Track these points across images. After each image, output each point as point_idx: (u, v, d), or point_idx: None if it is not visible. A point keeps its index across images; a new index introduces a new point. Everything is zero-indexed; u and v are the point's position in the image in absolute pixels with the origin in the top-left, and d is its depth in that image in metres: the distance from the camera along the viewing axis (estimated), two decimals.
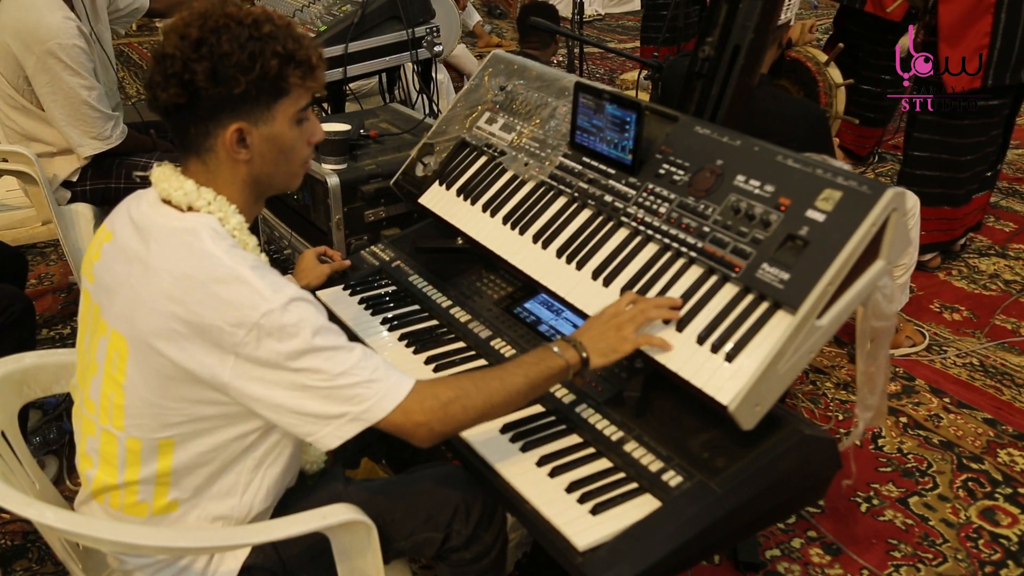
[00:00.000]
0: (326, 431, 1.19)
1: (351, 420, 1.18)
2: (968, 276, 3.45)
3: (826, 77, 2.80)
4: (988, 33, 2.89)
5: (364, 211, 2.29)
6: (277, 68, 1.20)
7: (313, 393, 1.17)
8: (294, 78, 1.22)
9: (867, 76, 3.92)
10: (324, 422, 1.18)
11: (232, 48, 1.17)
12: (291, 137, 1.27)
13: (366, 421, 1.19)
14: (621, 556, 1.16)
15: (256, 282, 1.15)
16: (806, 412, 2.61)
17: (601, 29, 7.89)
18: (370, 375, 1.18)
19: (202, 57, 1.16)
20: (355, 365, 1.18)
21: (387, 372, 1.21)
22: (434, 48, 2.98)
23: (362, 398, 1.18)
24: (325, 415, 1.18)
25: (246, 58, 1.17)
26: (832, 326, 1.24)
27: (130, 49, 6.92)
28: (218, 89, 1.17)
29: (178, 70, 1.16)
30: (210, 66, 1.16)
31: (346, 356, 1.18)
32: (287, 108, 1.24)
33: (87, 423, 1.31)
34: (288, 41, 1.21)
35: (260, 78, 1.19)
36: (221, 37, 1.17)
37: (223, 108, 1.20)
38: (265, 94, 1.21)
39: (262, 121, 1.23)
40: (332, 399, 1.17)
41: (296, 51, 1.21)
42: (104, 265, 1.28)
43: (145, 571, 1.32)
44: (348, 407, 1.18)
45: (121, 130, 2.74)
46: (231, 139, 1.21)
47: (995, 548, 2.12)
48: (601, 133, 1.59)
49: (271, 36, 1.20)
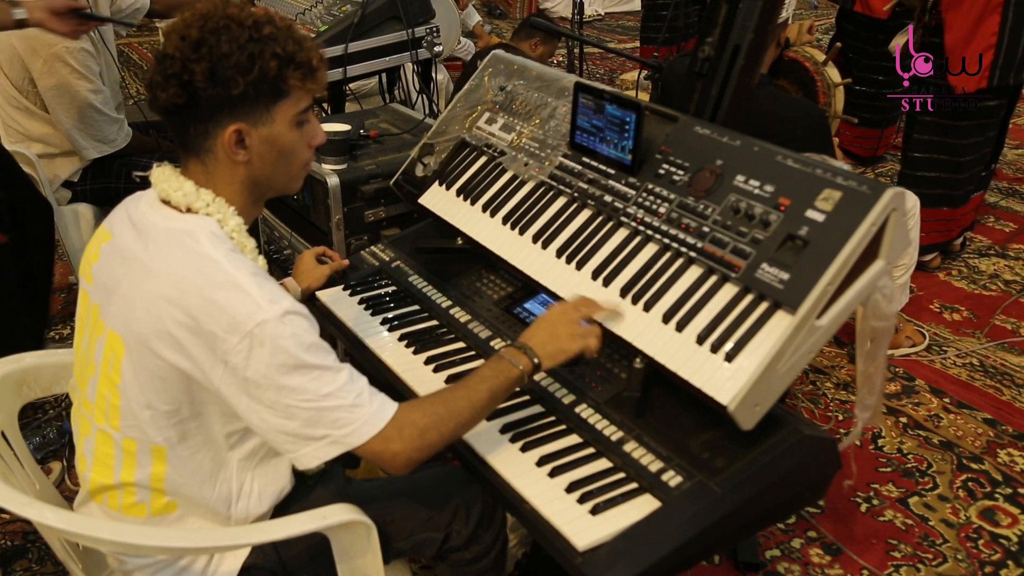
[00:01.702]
0: (305, 451, 1.19)
1: (331, 443, 1.19)
2: (968, 276, 3.45)
3: (824, 77, 2.80)
4: (995, 32, 2.89)
5: (364, 211, 2.29)
6: (276, 70, 1.19)
7: (296, 413, 1.17)
8: (294, 80, 1.22)
9: (860, 76, 3.93)
10: (304, 442, 1.19)
11: (231, 49, 1.17)
12: (291, 139, 1.26)
13: (346, 445, 1.19)
14: (621, 556, 1.16)
15: (254, 290, 1.15)
16: (806, 412, 2.61)
17: (601, 29, 7.90)
18: (354, 400, 1.19)
19: (201, 58, 1.16)
20: (340, 388, 1.18)
21: (371, 398, 1.21)
22: (434, 48, 2.98)
23: (344, 422, 1.18)
24: (306, 436, 1.18)
25: (245, 59, 1.17)
26: (832, 326, 1.24)
27: (130, 49, 6.93)
28: (216, 90, 1.17)
29: (177, 70, 1.16)
30: (208, 67, 1.16)
31: (332, 378, 1.18)
32: (287, 110, 1.24)
33: (84, 423, 1.31)
34: (288, 43, 1.21)
35: (259, 79, 1.18)
36: (220, 38, 1.17)
37: (221, 109, 1.20)
38: (264, 96, 1.21)
39: (261, 123, 1.22)
40: (314, 422, 1.17)
41: (296, 53, 1.21)
42: (102, 266, 1.28)
43: (145, 571, 1.32)
44: (329, 430, 1.18)
45: (126, 132, 2.75)
46: (229, 140, 1.21)
47: (995, 548, 2.12)
48: (601, 133, 1.59)
49: (271, 38, 1.19)
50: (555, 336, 1.35)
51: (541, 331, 1.37)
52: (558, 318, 1.37)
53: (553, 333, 1.36)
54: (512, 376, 1.32)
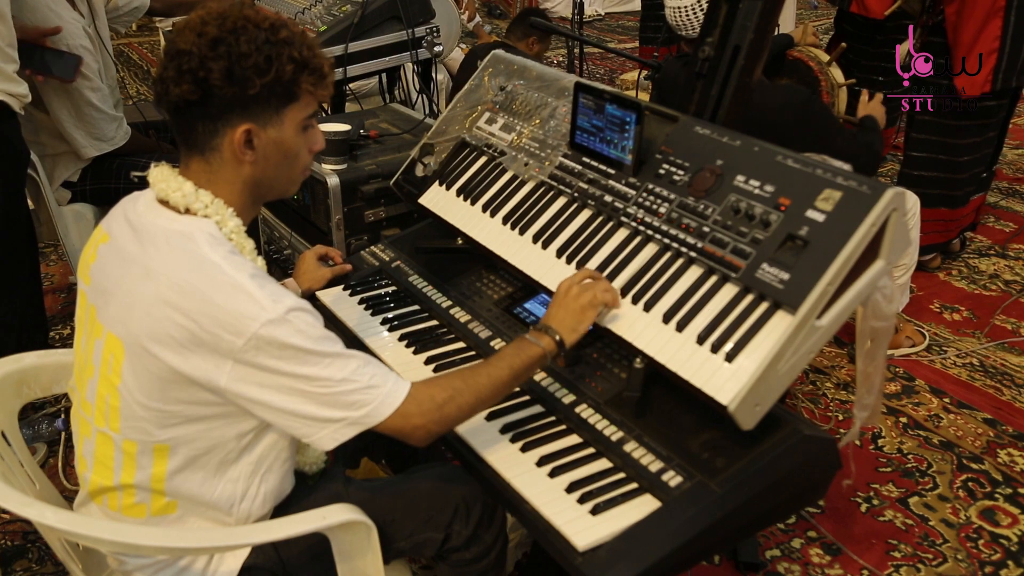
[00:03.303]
0: (324, 433, 1.20)
1: (350, 424, 1.20)
2: (968, 276, 3.45)
3: (828, 77, 2.79)
4: (998, 37, 2.89)
5: (364, 211, 2.29)
6: (292, 73, 1.21)
7: (313, 398, 1.18)
8: (306, 84, 1.23)
9: (859, 77, 3.92)
10: (322, 424, 1.19)
11: (250, 49, 1.17)
12: (296, 143, 1.27)
13: (365, 425, 1.21)
14: (621, 556, 1.16)
15: (256, 291, 1.15)
16: (806, 412, 2.61)
17: (601, 29, 7.90)
18: (369, 380, 1.20)
19: (219, 56, 1.17)
20: (355, 371, 1.19)
21: (385, 377, 1.23)
22: (434, 48, 2.98)
23: (362, 403, 1.19)
24: (324, 418, 1.19)
25: (263, 61, 1.18)
26: (832, 326, 1.24)
27: (130, 49, 6.93)
28: (233, 89, 1.18)
29: (194, 67, 1.17)
30: (227, 65, 1.17)
31: (345, 363, 1.19)
32: (296, 114, 1.25)
33: (84, 425, 1.31)
34: (303, 48, 1.22)
35: (274, 82, 1.20)
36: (240, 38, 1.17)
37: (234, 108, 1.20)
38: (277, 98, 1.22)
39: (271, 125, 1.23)
40: (332, 404, 1.18)
41: (311, 59, 1.23)
42: (100, 267, 1.28)
43: (145, 571, 1.32)
44: (347, 412, 1.19)
45: (125, 131, 2.75)
46: (240, 139, 1.22)
47: (995, 548, 2.12)
48: (601, 133, 1.59)
49: (287, 41, 1.21)
50: (569, 310, 1.38)
51: (556, 310, 1.40)
52: (565, 294, 1.40)
53: (566, 308, 1.39)
54: (534, 355, 1.34)
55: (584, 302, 1.38)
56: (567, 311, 1.39)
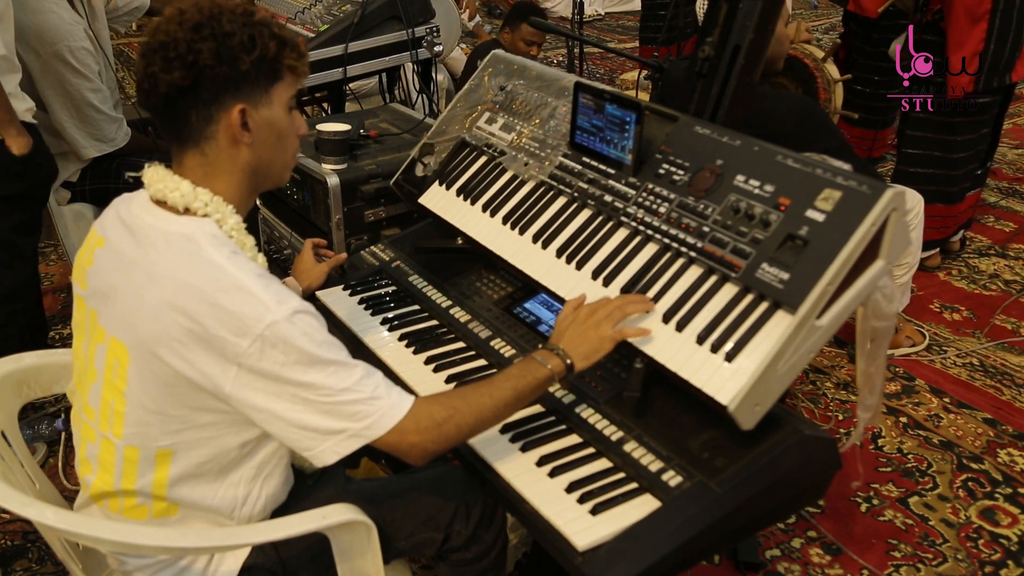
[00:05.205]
0: (324, 446, 1.19)
1: (350, 436, 1.19)
2: (968, 276, 3.45)
3: (824, 73, 2.80)
4: (983, 39, 2.93)
5: (364, 211, 2.29)
6: (275, 50, 1.22)
7: (315, 407, 1.17)
8: (290, 60, 1.25)
9: (857, 76, 3.93)
10: (323, 437, 1.18)
11: (233, 28, 1.19)
12: (286, 123, 1.29)
13: (365, 438, 1.19)
14: (621, 556, 1.16)
15: (260, 292, 1.15)
16: (806, 412, 2.61)
17: (601, 29, 7.89)
18: (372, 392, 1.19)
19: (205, 38, 1.17)
20: (358, 382, 1.18)
21: (388, 390, 1.21)
22: (434, 48, 2.98)
23: (363, 415, 1.18)
24: (325, 430, 1.18)
25: (247, 39, 1.20)
26: (832, 326, 1.24)
27: (130, 49, 6.92)
28: (224, 68, 1.19)
29: (182, 52, 1.17)
30: (215, 46, 1.18)
31: (349, 372, 1.18)
32: (282, 93, 1.27)
33: (87, 429, 1.31)
34: (278, 28, 1.25)
35: (260, 59, 1.21)
36: (221, 19, 1.19)
37: (227, 88, 1.20)
38: (264, 76, 1.23)
39: (262, 104, 1.24)
40: (333, 415, 1.17)
41: (288, 37, 1.26)
42: (97, 271, 1.27)
43: (145, 571, 1.32)
44: (349, 423, 1.18)
45: (125, 132, 2.75)
46: (236, 120, 1.22)
47: (995, 548, 2.12)
48: (601, 133, 1.59)
49: (264, 22, 1.23)
50: (586, 337, 1.34)
51: (570, 332, 1.36)
52: (588, 316, 1.36)
53: (583, 334, 1.35)
54: (540, 376, 1.31)
55: (604, 334, 1.34)
56: (583, 338, 1.34)
